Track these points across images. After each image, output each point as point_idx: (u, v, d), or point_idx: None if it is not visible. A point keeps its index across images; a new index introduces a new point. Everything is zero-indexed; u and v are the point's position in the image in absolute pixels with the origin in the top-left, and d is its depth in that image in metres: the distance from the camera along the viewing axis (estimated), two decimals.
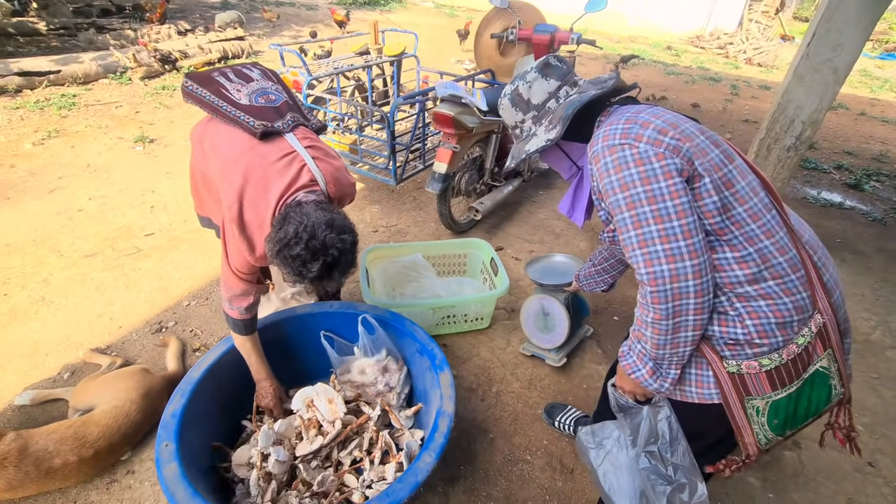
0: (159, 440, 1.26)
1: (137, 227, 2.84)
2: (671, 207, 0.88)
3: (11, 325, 2.09)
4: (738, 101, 7.15)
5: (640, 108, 1.03)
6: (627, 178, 0.92)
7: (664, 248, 0.88)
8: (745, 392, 0.95)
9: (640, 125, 0.94)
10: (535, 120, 1.16)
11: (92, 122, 4.20)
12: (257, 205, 1.31)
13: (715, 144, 0.95)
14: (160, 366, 1.95)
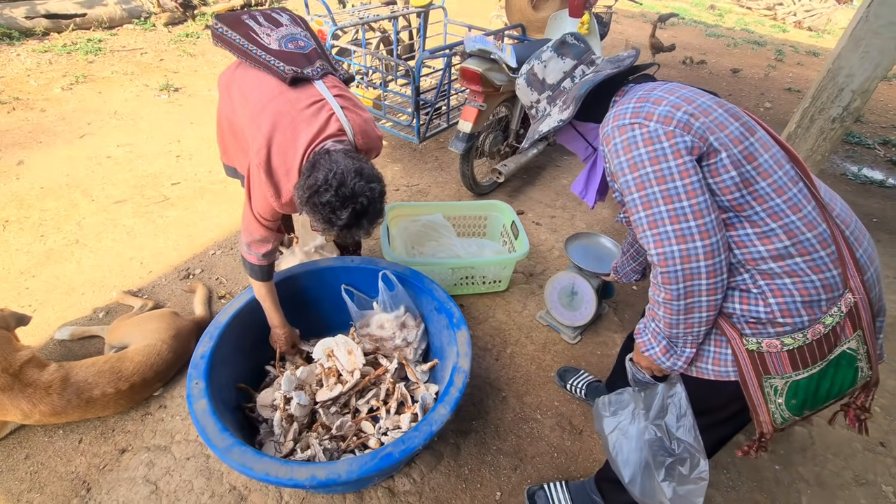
0: (190, 379, 1.33)
1: (164, 176, 2.89)
2: (681, 187, 0.87)
3: (49, 265, 2.19)
4: (783, 67, 6.74)
5: (654, 85, 1.00)
6: (637, 159, 0.90)
7: (674, 228, 0.87)
8: (763, 371, 0.93)
9: (651, 103, 0.92)
10: (549, 100, 1.15)
11: (118, 69, 4.20)
12: (285, 151, 1.31)
13: (734, 117, 0.91)
14: (188, 310, 2.04)
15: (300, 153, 1.29)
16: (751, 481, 1.67)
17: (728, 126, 0.90)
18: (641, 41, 6.80)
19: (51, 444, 1.54)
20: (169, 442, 1.58)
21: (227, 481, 1.49)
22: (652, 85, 1.01)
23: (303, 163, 1.29)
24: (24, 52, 4.21)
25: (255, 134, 1.33)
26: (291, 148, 1.31)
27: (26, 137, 3.06)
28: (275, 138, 1.31)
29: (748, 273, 0.93)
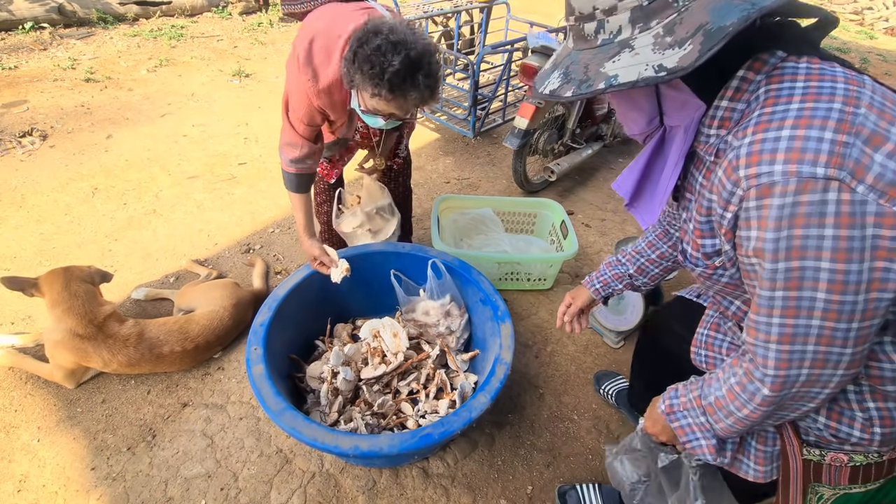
0: (249, 344, 1.43)
1: (232, 156, 3.07)
2: (861, 303, 0.57)
3: (129, 230, 2.40)
4: None
5: (844, 84, 0.58)
6: (809, 243, 0.56)
7: (818, 350, 0.60)
8: (814, 479, 0.77)
9: (864, 140, 0.54)
10: (636, 17, 0.60)
11: (196, 54, 4.48)
12: (328, 36, 1.30)
13: None
14: (247, 282, 2.17)
15: (344, 38, 1.27)
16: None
17: None
18: None
19: (124, 392, 1.70)
20: (225, 401, 1.71)
21: (275, 444, 1.59)
22: (833, 76, 0.58)
23: (345, 49, 1.26)
24: (116, 36, 4.58)
25: (300, 35, 1.34)
26: (335, 34, 1.29)
27: (115, 114, 3.34)
28: (318, 29, 1.31)
29: (857, 388, 0.71)
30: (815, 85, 0.58)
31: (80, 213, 2.45)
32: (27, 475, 1.45)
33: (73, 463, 1.49)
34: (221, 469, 1.51)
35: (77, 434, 1.57)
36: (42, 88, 3.53)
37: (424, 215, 2.68)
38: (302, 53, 1.31)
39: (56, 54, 4.08)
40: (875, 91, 0.59)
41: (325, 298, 1.78)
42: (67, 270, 1.66)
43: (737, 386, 0.70)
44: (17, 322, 1.90)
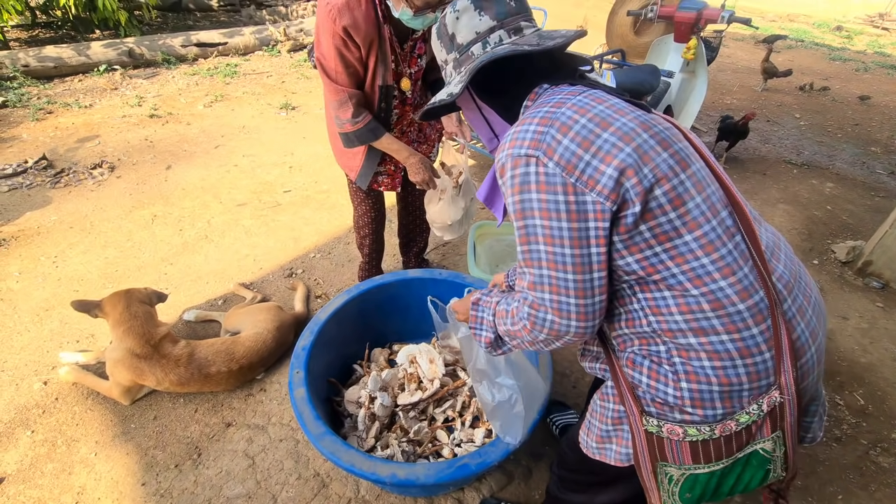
0: (292, 368, 1.47)
1: (278, 184, 3.23)
2: (568, 256, 0.74)
3: (184, 255, 2.55)
4: None
5: (568, 95, 0.79)
6: (526, 204, 0.75)
7: (552, 298, 0.77)
8: (660, 456, 0.81)
9: (556, 129, 0.74)
10: (455, 65, 0.91)
11: (248, 89, 4.79)
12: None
13: (663, 144, 0.74)
14: (289, 305, 2.25)
15: None
16: None
17: (654, 158, 0.72)
18: (752, 65, 6.34)
19: (173, 410, 1.78)
20: (266, 422, 1.76)
21: (313, 467, 1.62)
22: (565, 95, 0.79)
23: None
24: (177, 75, 4.97)
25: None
26: None
27: (175, 147, 3.60)
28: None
29: (664, 345, 0.78)
30: (546, 100, 0.81)
31: (141, 239, 2.63)
32: (84, 488, 1.54)
33: (125, 478, 1.57)
34: (261, 490, 1.55)
35: (130, 449, 1.65)
36: (112, 124, 3.85)
37: (461, 241, 2.71)
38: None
39: (125, 93, 4.46)
40: (588, 95, 0.78)
41: (363, 323, 1.82)
42: (128, 293, 1.78)
43: (513, 308, 0.86)
44: (81, 340, 2.04)
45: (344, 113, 1.52)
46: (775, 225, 3.04)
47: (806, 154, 4.08)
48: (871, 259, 2.55)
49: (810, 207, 3.27)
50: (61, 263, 2.42)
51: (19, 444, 1.64)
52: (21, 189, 2.97)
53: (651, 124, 0.76)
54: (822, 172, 3.78)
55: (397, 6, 1.34)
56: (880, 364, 2.12)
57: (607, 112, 0.75)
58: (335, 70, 1.47)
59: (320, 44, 1.45)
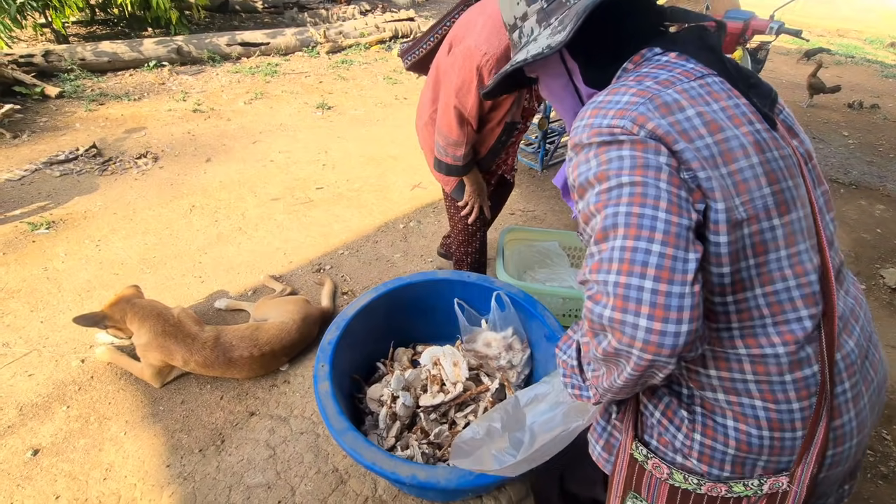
0: (318, 361, 1.48)
1: (311, 181, 3.29)
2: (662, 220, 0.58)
3: (218, 245, 2.61)
4: None
5: (682, 76, 0.65)
6: (614, 165, 0.61)
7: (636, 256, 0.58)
8: (634, 486, 0.75)
9: (655, 106, 0.62)
10: (541, 16, 0.74)
11: (287, 88, 4.91)
12: (485, 14, 1.31)
13: (771, 178, 0.61)
14: (316, 300, 2.27)
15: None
16: None
17: (752, 191, 0.60)
18: (797, 80, 6.10)
19: (200, 396, 1.82)
20: (288, 414, 1.77)
21: (332, 462, 1.62)
22: (682, 71, 0.65)
23: None
24: (221, 73, 5.14)
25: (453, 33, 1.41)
26: (487, 12, 1.31)
27: (215, 141, 3.72)
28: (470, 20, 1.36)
29: (688, 391, 0.71)
30: (652, 72, 0.67)
31: (179, 228, 2.71)
32: (112, 465, 1.58)
33: (151, 458, 1.60)
34: (281, 481, 1.55)
35: (158, 431, 1.69)
36: (157, 117, 4.01)
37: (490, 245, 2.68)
38: (470, 41, 1.32)
39: (172, 88, 4.64)
40: (706, 85, 0.64)
41: (389, 321, 1.82)
42: (124, 294, 1.84)
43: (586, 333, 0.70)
44: None
45: (455, 150, 1.55)
46: None
47: (854, 174, 3.88)
48: None
49: (858, 229, 3.11)
50: (104, 247, 2.52)
51: (55, 418, 1.70)
52: (72, 175, 3.11)
53: (767, 147, 0.62)
54: (871, 193, 3.59)
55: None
56: None
57: (721, 115, 0.62)
58: (470, 116, 1.46)
59: (459, 89, 1.40)
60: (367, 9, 7.76)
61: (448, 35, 1.50)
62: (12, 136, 3.46)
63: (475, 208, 1.78)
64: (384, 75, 5.50)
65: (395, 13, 7.38)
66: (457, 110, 1.45)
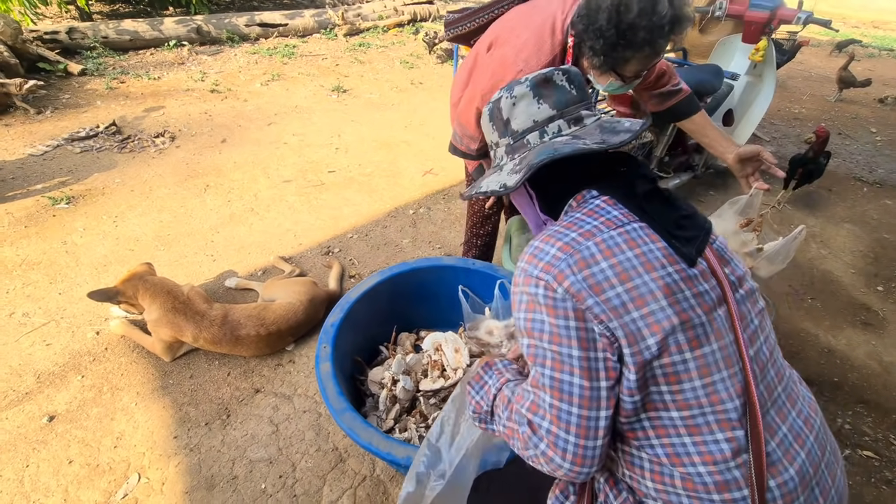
0: (320, 342, 1.51)
1: (323, 164, 3.31)
2: (576, 387, 0.69)
3: (230, 225, 2.66)
4: None
5: (604, 226, 0.73)
6: (536, 324, 0.73)
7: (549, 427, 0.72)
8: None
9: (574, 262, 0.70)
10: (508, 149, 0.87)
11: (303, 70, 4.91)
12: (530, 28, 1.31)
13: (682, 317, 0.67)
14: (323, 282, 2.30)
15: (550, 23, 1.27)
16: None
17: (664, 330, 0.67)
18: (826, 73, 5.87)
19: (208, 371, 1.87)
20: (292, 392, 1.81)
21: (332, 441, 1.66)
22: (606, 220, 0.74)
23: (558, 33, 1.26)
24: (239, 53, 5.16)
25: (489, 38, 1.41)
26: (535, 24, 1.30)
27: (231, 121, 3.75)
28: (513, 26, 1.35)
29: (632, 496, 0.77)
30: (582, 219, 0.76)
31: (193, 206, 2.77)
32: (123, 434, 1.64)
33: (160, 429, 1.66)
34: (282, 457, 1.60)
35: (167, 403, 1.75)
36: (176, 97, 4.06)
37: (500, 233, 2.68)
38: (510, 50, 1.32)
39: (191, 68, 4.68)
40: (625, 233, 0.72)
41: (393, 306, 1.84)
42: (137, 271, 1.89)
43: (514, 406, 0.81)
44: None
45: (470, 143, 1.54)
46: (838, 245, 2.83)
47: (880, 172, 3.75)
48: None
49: (880, 230, 3.01)
50: (120, 223, 2.58)
51: (70, 387, 1.77)
52: (91, 151, 3.18)
53: (678, 288, 0.68)
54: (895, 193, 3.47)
55: (602, 81, 1.27)
56: None
57: (633, 263, 0.69)
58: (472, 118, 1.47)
59: (487, 93, 1.39)
60: None
61: (494, 26, 1.46)
62: (36, 112, 3.54)
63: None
64: (401, 59, 5.46)
65: None
66: (479, 111, 1.45)
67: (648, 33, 1.06)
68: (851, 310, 2.37)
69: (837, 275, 2.59)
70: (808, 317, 2.30)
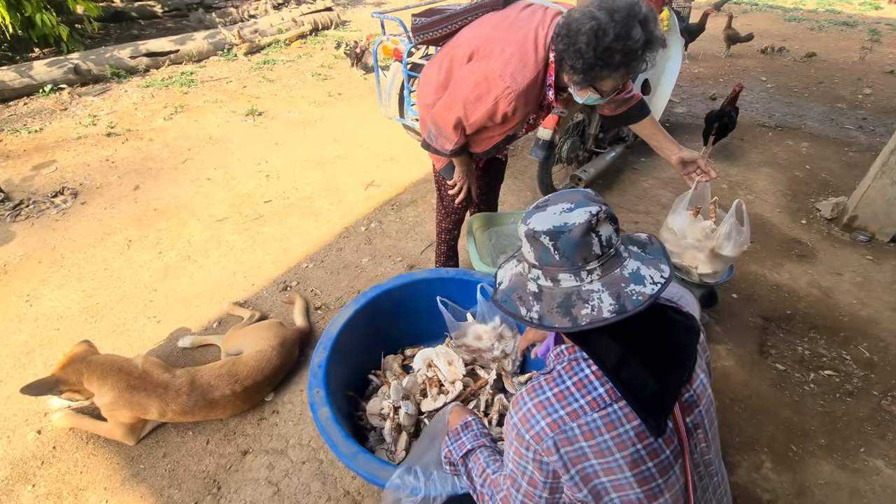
0: (311, 388, 1.40)
1: (257, 195, 3.10)
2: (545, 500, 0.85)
3: (167, 279, 2.41)
4: (880, 49, 6.12)
5: (589, 408, 0.80)
6: (522, 462, 0.86)
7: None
8: None
9: (560, 440, 0.80)
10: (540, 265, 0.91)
11: (209, 98, 4.57)
12: (514, 42, 1.34)
13: (642, 483, 0.80)
14: (289, 320, 2.16)
15: (533, 41, 1.32)
16: None
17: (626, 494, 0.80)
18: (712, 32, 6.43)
19: (184, 445, 1.68)
20: (284, 445, 1.68)
21: (341, 486, 1.56)
22: (592, 400, 0.81)
23: (541, 51, 1.32)
24: (130, 88, 4.70)
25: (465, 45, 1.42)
26: (518, 39, 1.34)
27: (139, 165, 3.40)
28: (496, 37, 1.37)
29: None
30: (572, 391, 0.82)
31: (118, 267, 2.48)
32: None
33: None
34: None
35: (143, 492, 1.55)
36: (67, 147, 3.61)
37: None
38: (496, 64, 1.35)
39: (76, 112, 4.19)
40: (607, 416, 0.79)
41: (374, 331, 1.76)
42: (72, 355, 1.65)
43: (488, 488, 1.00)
44: None
45: (444, 143, 1.56)
46: (760, 189, 3.11)
47: (777, 116, 4.18)
48: (855, 214, 2.63)
49: (791, 168, 3.36)
50: (35, 302, 2.25)
51: (21, 501, 1.52)
52: None
53: (643, 461, 0.79)
54: (795, 133, 3.88)
55: (582, 95, 1.35)
56: (879, 315, 2.19)
57: (609, 445, 0.79)
58: (470, 127, 1.50)
59: (469, 103, 1.43)
60: (279, 2, 7.34)
61: (467, 34, 1.48)
62: None
63: (464, 189, 1.78)
64: (312, 72, 5.25)
65: (311, 4, 7.04)
66: (458, 117, 1.47)
67: (624, 56, 1.17)
68: (786, 245, 2.62)
69: (767, 216, 2.85)
70: (752, 260, 2.50)
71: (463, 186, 1.79)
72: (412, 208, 2.96)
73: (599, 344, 0.83)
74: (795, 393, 1.87)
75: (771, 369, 1.96)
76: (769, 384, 1.90)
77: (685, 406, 0.87)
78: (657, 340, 0.86)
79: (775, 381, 1.91)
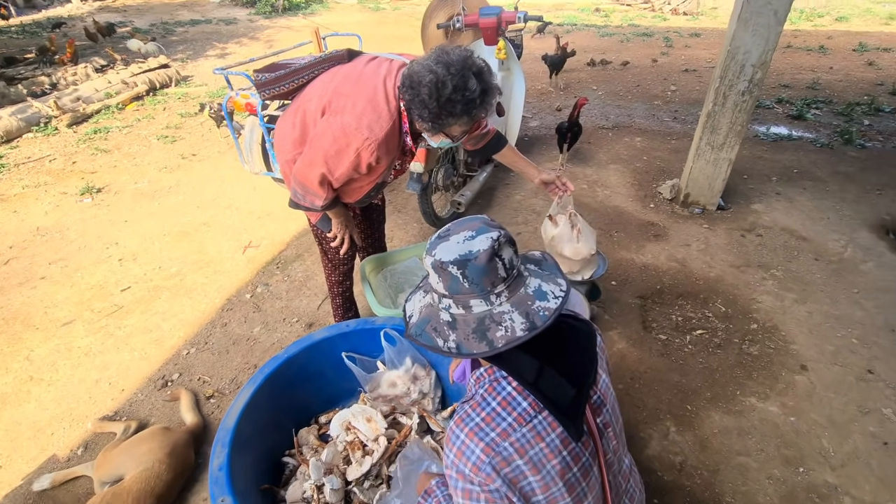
0: (214, 498, 1.21)
1: (111, 284, 2.68)
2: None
3: (5, 410, 1.95)
4: (674, 52, 7.41)
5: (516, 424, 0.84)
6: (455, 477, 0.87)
7: None
8: None
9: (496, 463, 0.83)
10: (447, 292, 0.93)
11: (28, 182, 3.90)
12: (364, 96, 1.38)
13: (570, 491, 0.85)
14: (176, 420, 1.88)
15: (382, 92, 1.37)
16: (773, 437, 1.75)
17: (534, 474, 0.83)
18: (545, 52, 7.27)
19: None
20: None
21: None
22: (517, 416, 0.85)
23: (391, 101, 1.38)
24: None
25: (317, 99, 1.44)
26: (368, 92, 1.38)
27: None
28: (345, 91, 1.40)
29: None
30: (498, 411, 0.85)
31: None
32: None
33: None
34: None
35: None
36: None
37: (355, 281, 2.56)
38: (350, 119, 1.36)
39: None
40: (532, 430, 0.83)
41: (279, 407, 1.60)
42: None
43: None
44: None
45: (313, 199, 1.53)
46: (613, 183, 3.51)
47: (612, 118, 4.80)
48: (688, 192, 3.09)
49: (632, 161, 3.86)
50: None
51: None
52: None
53: (569, 468, 0.84)
54: (629, 130, 4.48)
55: (436, 139, 1.42)
56: (724, 273, 2.58)
57: (540, 456, 0.83)
58: (336, 181, 1.48)
59: (331, 157, 1.42)
60: (101, 64, 6.59)
61: (318, 89, 1.48)
62: None
63: (346, 239, 1.74)
64: (157, 135, 4.77)
65: (142, 63, 6.45)
66: (322, 173, 1.45)
67: (464, 105, 1.26)
68: (643, 228, 2.98)
69: (624, 206, 3.23)
70: (620, 247, 2.80)
71: (344, 236, 1.73)
72: (299, 263, 2.81)
73: (517, 361, 0.86)
74: (679, 357, 2.11)
75: (655, 341, 2.19)
76: (657, 355, 2.12)
77: (594, 407, 0.92)
78: (563, 348, 0.90)
79: (661, 351, 2.14)
